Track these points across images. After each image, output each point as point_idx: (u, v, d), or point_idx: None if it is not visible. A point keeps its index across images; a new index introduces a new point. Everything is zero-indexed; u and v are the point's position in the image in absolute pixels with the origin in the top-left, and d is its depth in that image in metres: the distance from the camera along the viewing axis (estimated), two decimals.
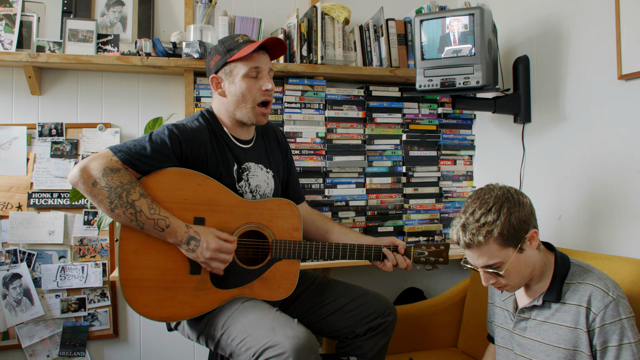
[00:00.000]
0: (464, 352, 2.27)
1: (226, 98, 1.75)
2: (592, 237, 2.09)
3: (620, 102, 1.98)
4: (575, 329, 1.37)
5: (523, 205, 1.41)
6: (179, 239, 1.57)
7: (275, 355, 1.41)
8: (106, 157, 1.54)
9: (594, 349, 1.35)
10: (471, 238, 1.38)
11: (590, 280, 1.39)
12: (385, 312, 1.84)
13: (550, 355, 1.41)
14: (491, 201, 1.40)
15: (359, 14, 2.77)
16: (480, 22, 2.14)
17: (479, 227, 1.37)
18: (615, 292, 1.35)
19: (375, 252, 1.83)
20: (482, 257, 1.40)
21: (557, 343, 1.40)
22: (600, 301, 1.34)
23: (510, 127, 2.56)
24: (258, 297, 1.69)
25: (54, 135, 2.42)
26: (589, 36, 2.12)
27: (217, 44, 1.79)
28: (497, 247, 1.38)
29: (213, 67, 1.76)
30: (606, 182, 2.03)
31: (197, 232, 1.58)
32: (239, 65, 1.71)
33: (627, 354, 1.30)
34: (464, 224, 1.41)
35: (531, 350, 1.47)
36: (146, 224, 1.54)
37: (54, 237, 2.41)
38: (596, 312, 1.34)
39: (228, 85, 1.74)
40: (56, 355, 2.42)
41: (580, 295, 1.38)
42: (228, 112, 1.77)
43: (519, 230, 1.38)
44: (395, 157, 2.75)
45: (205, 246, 1.58)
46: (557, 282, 1.44)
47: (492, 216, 1.37)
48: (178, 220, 1.58)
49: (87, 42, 2.37)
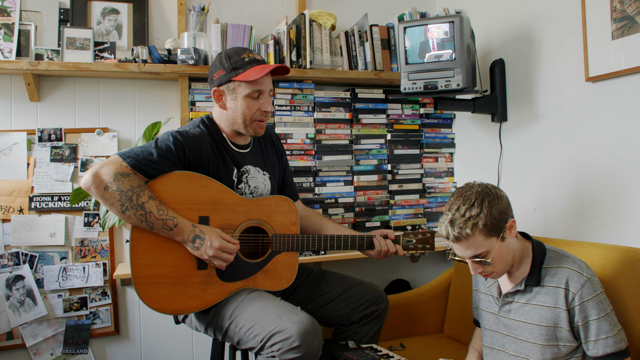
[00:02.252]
0: (450, 337, 2.43)
1: (226, 111, 1.85)
2: (564, 225, 2.26)
3: (587, 103, 2.15)
4: (555, 308, 1.53)
5: (501, 198, 1.56)
6: (185, 237, 1.68)
7: (282, 340, 1.53)
8: (116, 163, 1.65)
9: (575, 325, 1.50)
10: (459, 232, 1.52)
11: (566, 264, 1.55)
12: (378, 300, 1.98)
13: (533, 333, 1.57)
14: (473, 197, 1.54)
15: (344, 20, 2.91)
16: (459, 29, 2.29)
17: (465, 221, 1.51)
18: (588, 272, 1.51)
19: (367, 241, 1.97)
20: (470, 249, 1.55)
21: (539, 322, 1.55)
22: (577, 282, 1.50)
23: (488, 126, 2.72)
24: (261, 288, 1.82)
25: (53, 140, 2.50)
26: (558, 41, 2.29)
27: (221, 56, 1.85)
28: (482, 238, 1.52)
29: (216, 80, 1.83)
30: (576, 175, 2.20)
31: (202, 231, 1.70)
32: (243, 85, 1.80)
33: (605, 324, 1.47)
34: (451, 219, 1.55)
35: (516, 330, 1.62)
36: (155, 224, 1.65)
37: (55, 238, 2.49)
38: (574, 291, 1.49)
39: (230, 100, 1.83)
40: (60, 353, 2.50)
41: (558, 278, 1.54)
42: (227, 122, 1.88)
43: (500, 221, 1.53)
44: (380, 156, 2.90)
45: (209, 245, 1.69)
46: (536, 267, 1.59)
47: (476, 210, 1.52)
48: (185, 220, 1.69)
49: (85, 49, 2.46)
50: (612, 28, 2.02)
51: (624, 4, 1.97)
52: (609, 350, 1.45)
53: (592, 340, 1.48)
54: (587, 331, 1.48)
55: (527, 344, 1.57)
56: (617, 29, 2.00)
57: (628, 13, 1.95)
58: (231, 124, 1.87)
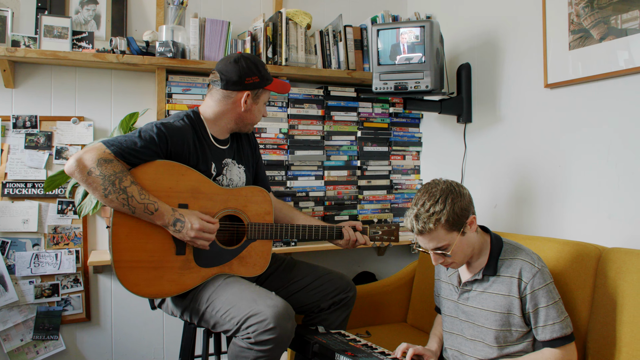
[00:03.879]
0: (413, 326, 2.55)
1: (243, 112, 1.96)
2: (522, 221, 2.41)
3: (545, 107, 2.30)
4: (509, 296, 1.66)
5: (463, 195, 1.68)
6: (166, 221, 1.75)
7: (257, 322, 1.62)
8: (99, 150, 1.70)
9: (527, 312, 1.63)
10: (423, 226, 1.63)
11: (520, 255, 1.68)
12: (346, 289, 2.09)
13: (489, 319, 1.69)
14: (437, 194, 1.66)
15: (319, 20, 3.00)
16: (429, 33, 2.41)
17: (429, 216, 1.63)
18: (540, 263, 1.65)
19: (337, 231, 2.07)
20: (432, 241, 1.66)
21: (494, 308, 1.68)
22: (529, 272, 1.63)
23: (454, 127, 2.86)
24: (236, 274, 1.90)
25: (28, 128, 2.51)
26: (521, 49, 2.43)
27: (255, 63, 1.96)
28: (444, 232, 1.64)
29: (250, 84, 1.93)
30: (533, 175, 2.36)
31: (182, 215, 1.77)
32: (266, 93, 2.01)
33: (553, 311, 1.60)
34: (416, 214, 1.66)
35: (473, 316, 1.74)
36: (137, 208, 1.71)
37: (28, 225, 2.50)
38: (527, 281, 1.63)
39: (252, 103, 1.97)
40: (30, 339, 2.51)
41: (512, 268, 1.67)
42: (230, 121, 1.99)
43: (461, 217, 1.65)
44: (350, 152, 3.01)
45: (189, 227, 1.76)
46: (493, 258, 1.72)
47: (440, 206, 1.63)
48: (165, 205, 1.76)
49: (63, 38, 2.48)
50: (569, 39, 2.17)
51: (581, 17, 2.12)
52: (555, 335, 1.59)
53: (540, 326, 1.61)
54: (537, 317, 1.62)
55: (482, 329, 1.70)
56: (573, 40, 2.15)
57: (584, 26, 2.10)
58: (236, 122, 2.00)
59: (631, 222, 1.93)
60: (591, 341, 1.74)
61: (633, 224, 1.92)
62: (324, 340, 1.81)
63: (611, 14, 2.00)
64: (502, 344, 1.67)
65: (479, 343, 1.71)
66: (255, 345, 1.62)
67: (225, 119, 1.98)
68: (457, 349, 1.79)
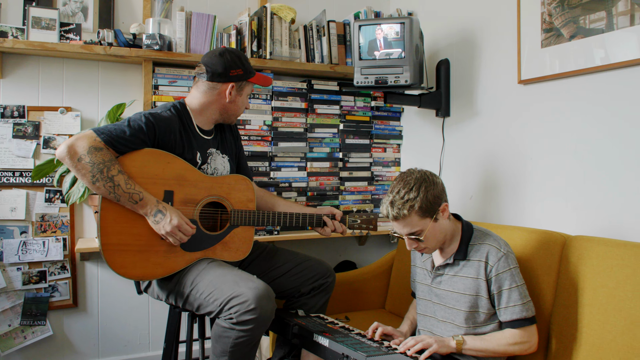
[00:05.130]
0: (390, 312, 2.65)
1: (228, 104, 2.05)
2: (495, 211, 2.52)
3: (519, 103, 2.40)
4: (477, 279, 1.76)
5: (436, 184, 1.77)
6: (148, 210, 1.82)
7: (239, 303, 1.70)
8: (90, 138, 1.77)
9: (492, 294, 1.74)
10: (398, 212, 1.72)
11: (487, 241, 1.78)
12: (326, 274, 2.17)
13: (459, 301, 1.79)
14: (412, 182, 1.75)
15: (303, 15, 3.07)
16: (409, 29, 2.50)
17: (404, 203, 1.72)
18: (505, 248, 1.75)
19: (317, 219, 2.16)
20: (406, 227, 1.75)
21: (464, 291, 1.78)
22: (495, 256, 1.73)
23: (433, 120, 2.96)
24: (220, 258, 1.97)
25: (16, 117, 2.56)
26: (497, 46, 2.53)
27: (239, 56, 2.04)
28: (417, 218, 1.73)
29: (234, 76, 2.02)
30: (507, 168, 2.46)
31: (165, 208, 1.84)
32: (249, 85, 2.10)
33: (515, 294, 1.70)
34: (391, 201, 1.75)
35: (445, 298, 1.84)
36: (122, 197, 1.78)
37: (15, 213, 2.55)
38: (492, 264, 1.73)
39: (236, 95, 2.05)
40: (17, 324, 2.57)
41: (480, 253, 1.77)
42: (215, 112, 2.07)
43: (434, 204, 1.74)
44: (333, 144, 3.09)
45: (168, 221, 1.82)
46: (463, 244, 1.82)
47: (413, 194, 1.72)
48: (150, 196, 1.83)
49: (51, 29, 2.52)
50: (541, 37, 2.27)
51: (552, 17, 2.22)
52: (516, 316, 1.69)
53: (503, 307, 1.72)
54: (500, 299, 1.72)
55: (453, 311, 1.80)
56: (545, 38, 2.25)
57: (555, 25, 2.20)
58: (221, 113, 2.08)
59: (594, 212, 2.04)
60: (555, 323, 1.84)
61: (596, 214, 2.03)
62: (303, 323, 1.89)
63: (580, 14, 2.10)
64: (471, 325, 1.77)
65: (449, 324, 1.81)
66: (237, 325, 1.70)
67: (210, 109, 2.05)
68: (430, 330, 1.89)
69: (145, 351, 2.84)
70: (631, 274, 1.64)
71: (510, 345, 1.69)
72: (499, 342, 1.70)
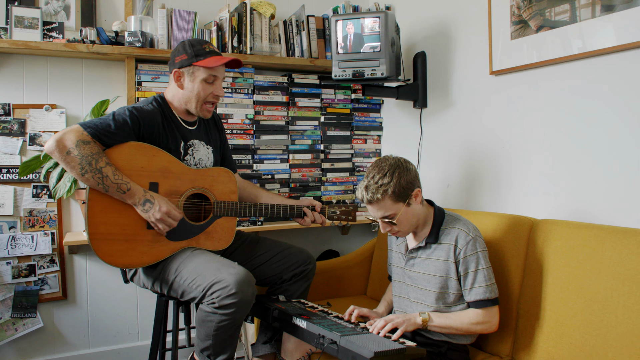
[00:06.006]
0: (371, 298, 2.74)
1: (182, 90, 2.09)
2: (472, 198, 2.61)
3: (491, 93, 2.49)
4: (447, 261, 1.85)
5: (409, 170, 1.86)
6: (136, 200, 1.89)
7: (221, 288, 1.78)
8: (78, 132, 1.84)
9: (459, 275, 1.83)
10: (372, 196, 1.81)
11: (457, 225, 1.88)
12: (306, 261, 2.26)
13: (430, 282, 1.89)
14: (386, 168, 1.83)
15: (283, 10, 3.14)
16: (384, 24, 2.58)
17: (377, 187, 1.80)
18: (474, 232, 1.84)
19: (297, 210, 2.24)
20: (380, 210, 1.84)
21: (435, 272, 1.87)
22: (463, 239, 1.82)
23: (411, 111, 3.04)
24: (203, 247, 2.05)
25: (1, 115, 2.61)
26: (469, 38, 2.62)
27: (185, 43, 2.08)
28: (391, 202, 1.82)
29: (178, 62, 2.07)
30: (481, 156, 2.55)
31: (152, 197, 1.92)
32: (201, 69, 2.05)
33: (480, 276, 1.80)
34: (366, 185, 1.83)
35: (417, 280, 1.94)
36: (110, 187, 1.85)
37: (3, 209, 2.61)
38: (460, 247, 1.82)
39: (188, 82, 2.07)
40: (8, 317, 2.63)
41: (450, 236, 1.86)
42: (180, 101, 2.11)
43: (407, 189, 1.83)
44: (314, 137, 3.17)
45: (157, 209, 1.91)
46: (435, 228, 1.91)
47: (387, 179, 1.81)
48: (137, 186, 1.90)
49: (33, 28, 2.57)
50: (511, 30, 2.36)
51: (521, 10, 2.31)
52: (479, 297, 1.79)
53: (468, 288, 1.82)
54: (466, 280, 1.82)
55: (424, 291, 1.90)
56: (514, 30, 2.34)
57: (523, 18, 2.29)
58: (185, 102, 2.10)
59: (563, 197, 2.14)
60: (522, 302, 1.94)
61: (564, 199, 2.13)
62: (284, 307, 1.98)
63: (546, 7, 2.19)
64: (442, 305, 1.86)
65: (420, 305, 1.91)
66: (219, 309, 1.78)
67: (176, 99, 2.12)
68: (404, 310, 1.98)
69: (135, 341, 2.91)
70: (590, 254, 1.74)
71: (473, 324, 1.80)
72: (462, 320, 1.80)
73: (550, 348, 1.79)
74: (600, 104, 1.99)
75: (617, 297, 1.63)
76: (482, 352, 2.03)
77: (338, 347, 1.60)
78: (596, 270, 1.71)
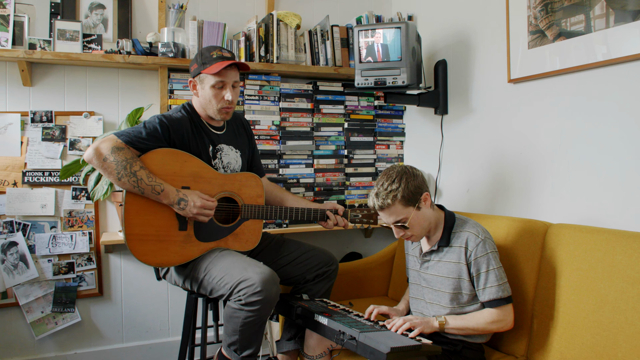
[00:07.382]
0: (393, 299, 2.83)
1: (199, 98, 2.23)
2: (489, 203, 2.68)
3: (509, 100, 2.56)
4: (459, 263, 1.93)
5: (416, 176, 1.95)
6: (171, 200, 2.03)
7: (247, 286, 1.89)
8: (112, 140, 1.99)
9: (472, 276, 1.91)
10: (382, 202, 1.91)
11: (467, 228, 1.95)
12: (329, 262, 2.36)
13: (444, 284, 1.97)
14: (394, 175, 1.93)
15: (308, 20, 3.26)
16: (405, 34, 2.67)
17: (387, 194, 1.90)
18: (483, 234, 1.92)
19: (320, 213, 2.34)
20: (392, 216, 1.93)
21: (448, 274, 1.96)
22: (474, 242, 1.90)
23: (432, 118, 3.12)
24: (231, 248, 2.18)
25: (44, 122, 2.79)
26: (488, 48, 2.69)
27: (197, 53, 2.22)
28: (401, 207, 1.91)
29: (192, 72, 2.21)
30: (498, 162, 2.62)
31: (185, 195, 2.05)
32: (209, 77, 2.15)
33: (492, 276, 1.87)
34: (376, 193, 1.93)
35: (432, 282, 2.02)
36: (146, 189, 1.99)
37: (46, 210, 2.79)
38: (471, 249, 1.90)
39: (200, 89, 2.20)
40: (49, 311, 2.81)
41: (461, 239, 1.94)
42: (200, 108, 2.24)
43: (415, 194, 1.91)
44: (338, 142, 3.28)
45: (192, 204, 2.04)
46: (446, 231, 1.99)
47: (395, 185, 1.90)
48: (170, 186, 2.04)
49: (74, 40, 2.75)
50: (528, 39, 2.42)
51: (537, 20, 2.37)
52: (492, 296, 1.87)
53: (481, 288, 1.89)
54: (478, 281, 1.90)
55: (439, 293, 1.98)
56: (531, 40, 2.41)
57: (540, 27, 2.36)
58: (204, 109, 2.23)
59: (579, 202, 2.19)
60: (537, 304, 2.01)
61: (579, 204, 2.19)
62: (307, 305, 2.09)
63: (562, 17, 2.25)
64: (456, 306, 1.94)
65: (436, 305, 1.99)
66: (246, 306, 1.90)
67: (198, 106, 2.25)
68: (420, 311, 2.07)
69: (165, 337, 3.06)
70: (601, 257, 1.80)
71: (489, 323, 1.87)
72: (478, 320, 1.88)
73: (563, 348, 1.86)
74: (614, 112, 2.04)
75: (626, 299, 1.69)
76: (498, 351, 2.10)
77: (357, 342, 1.70)
78: (607, 273, 1.77)
